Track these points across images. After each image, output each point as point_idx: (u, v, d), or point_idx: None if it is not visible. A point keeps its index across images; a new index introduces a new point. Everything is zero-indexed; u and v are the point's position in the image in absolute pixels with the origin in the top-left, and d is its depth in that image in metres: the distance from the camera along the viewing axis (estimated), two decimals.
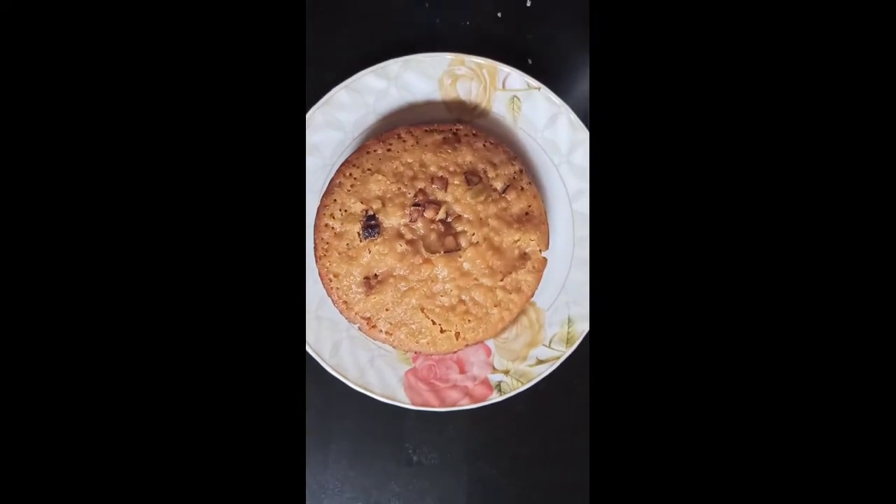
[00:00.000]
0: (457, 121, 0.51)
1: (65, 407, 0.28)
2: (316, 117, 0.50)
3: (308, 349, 0.50)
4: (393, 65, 0.50)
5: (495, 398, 0.51)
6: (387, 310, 0.48)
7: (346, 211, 0.48)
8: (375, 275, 0.48)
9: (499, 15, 0.54)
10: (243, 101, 0.29)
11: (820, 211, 0.28)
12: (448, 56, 0.50)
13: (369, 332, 0.49)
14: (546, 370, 0.51)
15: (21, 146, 0.28)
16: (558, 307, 0.52)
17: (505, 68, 0.50)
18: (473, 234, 0.47)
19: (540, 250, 0.49)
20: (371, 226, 0.47)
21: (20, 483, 0.28)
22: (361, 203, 0.47)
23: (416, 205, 0.47)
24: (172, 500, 0.29)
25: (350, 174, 0.48)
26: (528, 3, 0.54)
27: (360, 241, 0.47)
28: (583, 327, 0.51)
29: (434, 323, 0.48)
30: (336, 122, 0.50)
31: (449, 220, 0.48)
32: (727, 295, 0.29)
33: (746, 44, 0.29)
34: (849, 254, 0.28)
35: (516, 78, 0.50)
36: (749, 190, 0.29)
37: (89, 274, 0.28)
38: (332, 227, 0.48)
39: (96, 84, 0.28)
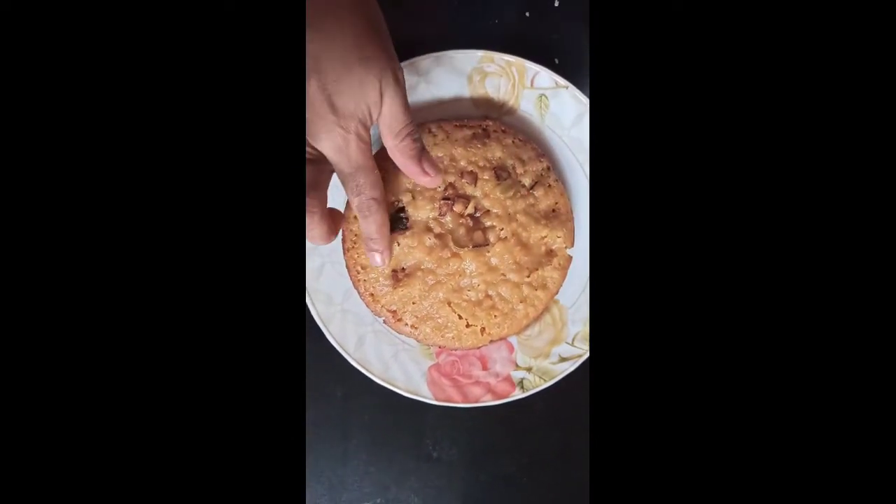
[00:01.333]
0: (485, 117, 0.52)
1: (53, 397, 0.28)
2: None
3: (333, 342, 0.50)
4: (424, 60, 0.50)
5: (518, 395, 0.51)
6: (413, 303, 0.48)
7: None
8: (403, 268, 0.47)
9: (527, 14, 0.54)
10: (250, 97, 0.30)
11: (841, 218, 0.28)
12: (478, 53, 0.50)
13: (395, 326, 0.49)
14: (569, 368, 0.51)
15: (21, 149, 0.28)
16: (581, 305, 0.52)
17: (534, 66, 0.50)
18: (502, 230, 0.47)
19: (566, 247, 0.49)
20: (400, 219, 0.47)
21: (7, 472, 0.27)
22: (391, 196, 0.47)
23: (445, 199, 0.47)
24: (170, 497, 0.28)
25: (380, 167, 0.48)
26: (556, 4, 0.54)
27: (389, 233, 0.47)
28: None
29: (460, 317, 0.48)
30: None
31: (477, 214, 0.48)
32: (729, 295, 0.29)
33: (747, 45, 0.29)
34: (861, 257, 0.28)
35: (545, 76, 0.51)
36: (751, 194, 0.29)
37: (81, 253, 0.28)
38: None
39: (96, 78, 0.28)
